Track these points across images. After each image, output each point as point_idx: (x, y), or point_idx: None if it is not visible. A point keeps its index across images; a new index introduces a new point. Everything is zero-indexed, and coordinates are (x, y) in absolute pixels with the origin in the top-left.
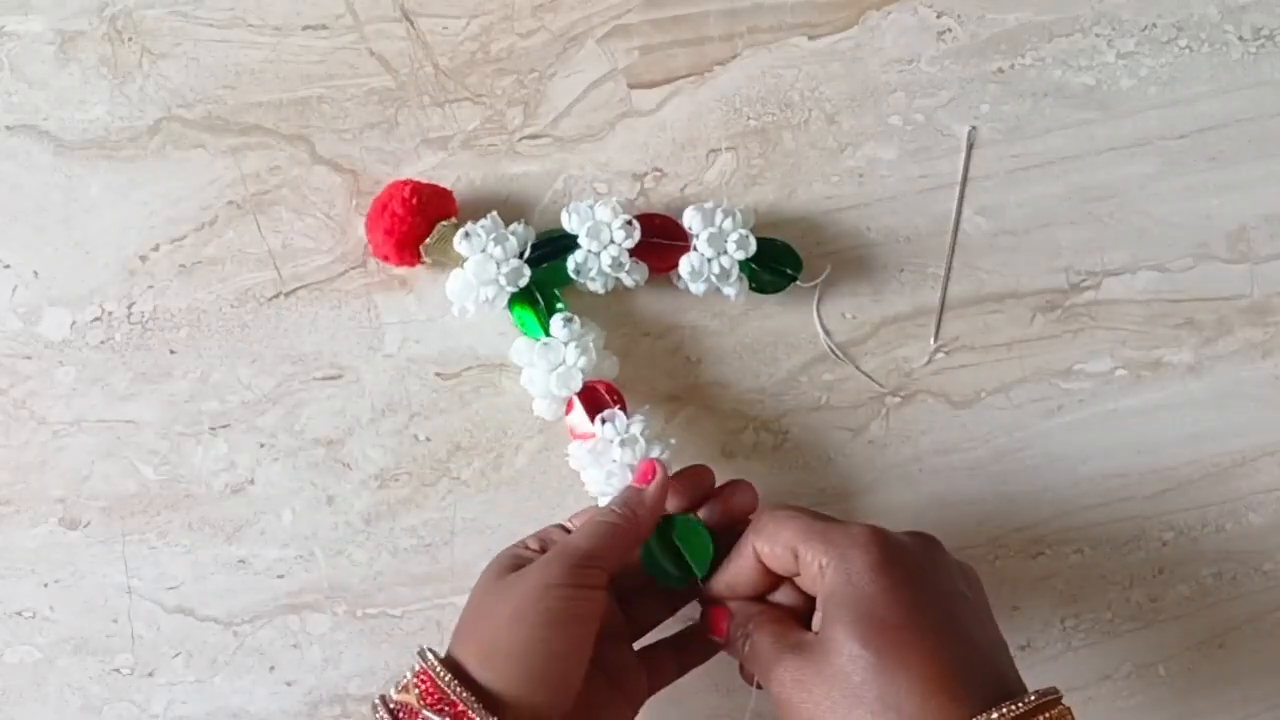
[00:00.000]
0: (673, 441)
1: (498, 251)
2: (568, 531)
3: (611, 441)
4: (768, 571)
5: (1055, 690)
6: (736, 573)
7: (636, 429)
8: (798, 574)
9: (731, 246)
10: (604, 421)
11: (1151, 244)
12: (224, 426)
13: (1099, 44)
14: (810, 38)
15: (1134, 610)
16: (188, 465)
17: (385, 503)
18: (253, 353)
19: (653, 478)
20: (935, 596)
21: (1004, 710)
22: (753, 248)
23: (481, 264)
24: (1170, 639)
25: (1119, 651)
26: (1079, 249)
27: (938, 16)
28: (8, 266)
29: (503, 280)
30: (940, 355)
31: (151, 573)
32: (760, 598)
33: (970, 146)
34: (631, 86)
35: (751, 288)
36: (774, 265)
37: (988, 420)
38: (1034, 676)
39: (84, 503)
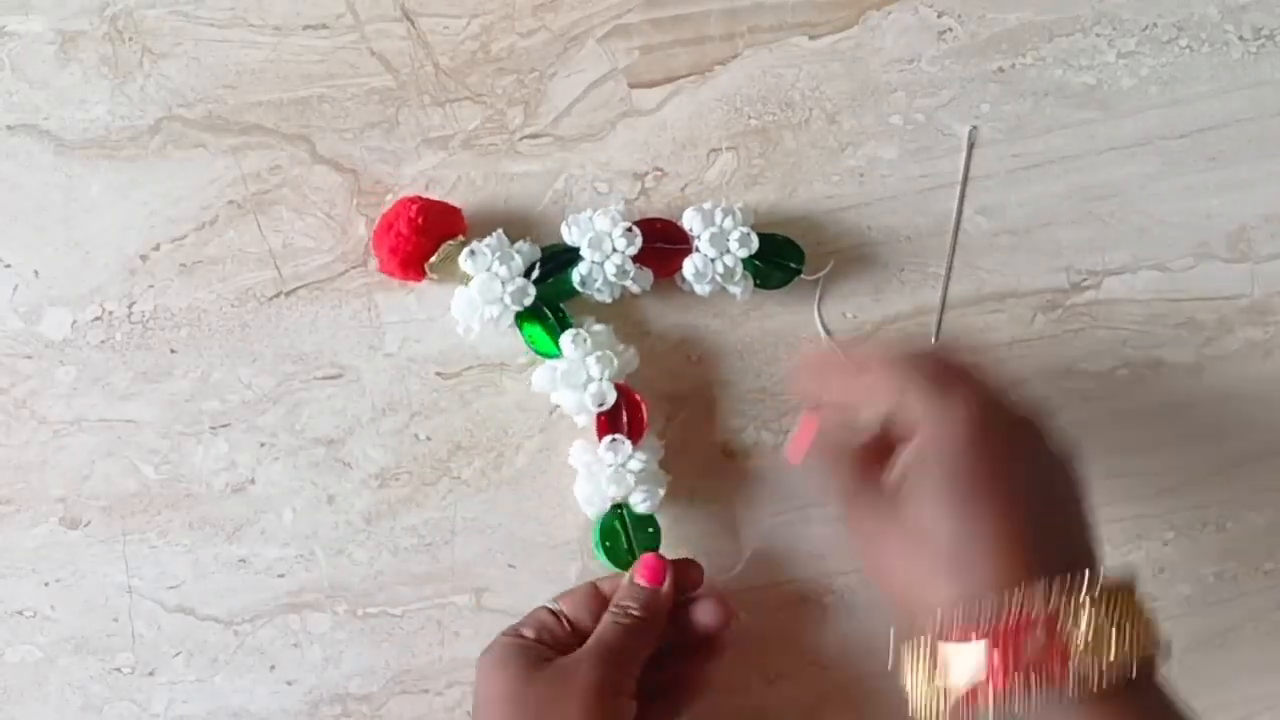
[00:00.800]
0: (661, 491)
1: (503, 270)
2: (554, 614)
3: (608, 466)
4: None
5: (1131, 580)
6: (833, 377)
7: (635, 466)
8: (893, 414)
9: (734, 245)
10: (610, 444)
11: (1152, 243)
12: (224, 426)
13: (1099, 44)
14: (811, 37)
15: None
16: (188, 465)
17: (386, 502)
18: (253, 352)
19: (663, 578)
20: (1027, 470)
21: (1070, 584)
22: (755, 245)
23: (486, 283)
24: (1171, 639)
25: None
26: (1080, 248)
27: (938, 16)
28: (8, 266)
29: (508, 299)
30: None
31: (152, 572)
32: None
33: (971, 146)
34: (632, 86)
35: (756, 284)
36: (777, 260)
37: None
38: None
39: (84, 502)
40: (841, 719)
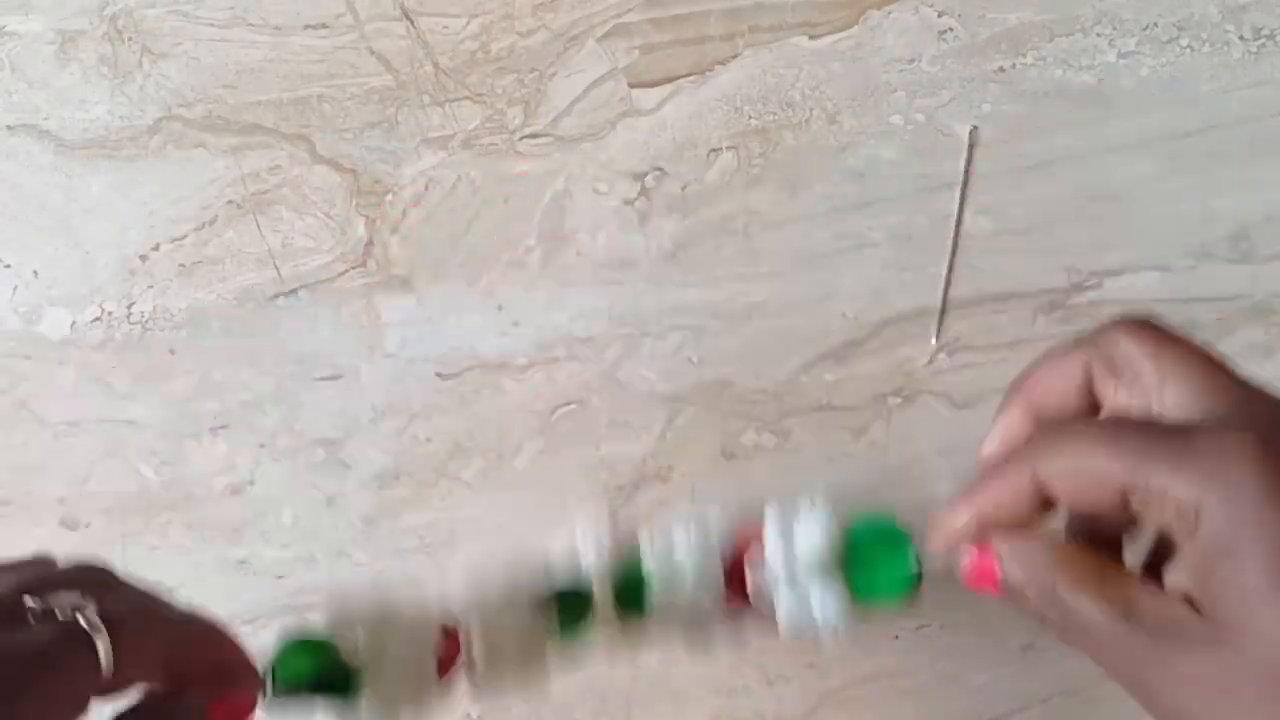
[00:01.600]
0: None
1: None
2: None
3: None
4: (1044, 506)
5: None
6: (999, 503)
7: None
8: (1127, 517)
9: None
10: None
11: (1153, 244)
12: (224, 427)
13: (1100, 43)
14: (811, 37)
15: None
16: (188, 466)
17: (386, 503)
18: (253, 353)
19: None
20: None
21: None
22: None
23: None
24: None
25: None
26: (1081, 249)
27: (939, 16)
28: (8, 266)
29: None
30: (942, 356)
31: (152, 574)
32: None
33: (971, 146)
34: (632, 86)
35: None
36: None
37: (990, 420)
38: (1036, 677)
39: (84, 503)
40: None
